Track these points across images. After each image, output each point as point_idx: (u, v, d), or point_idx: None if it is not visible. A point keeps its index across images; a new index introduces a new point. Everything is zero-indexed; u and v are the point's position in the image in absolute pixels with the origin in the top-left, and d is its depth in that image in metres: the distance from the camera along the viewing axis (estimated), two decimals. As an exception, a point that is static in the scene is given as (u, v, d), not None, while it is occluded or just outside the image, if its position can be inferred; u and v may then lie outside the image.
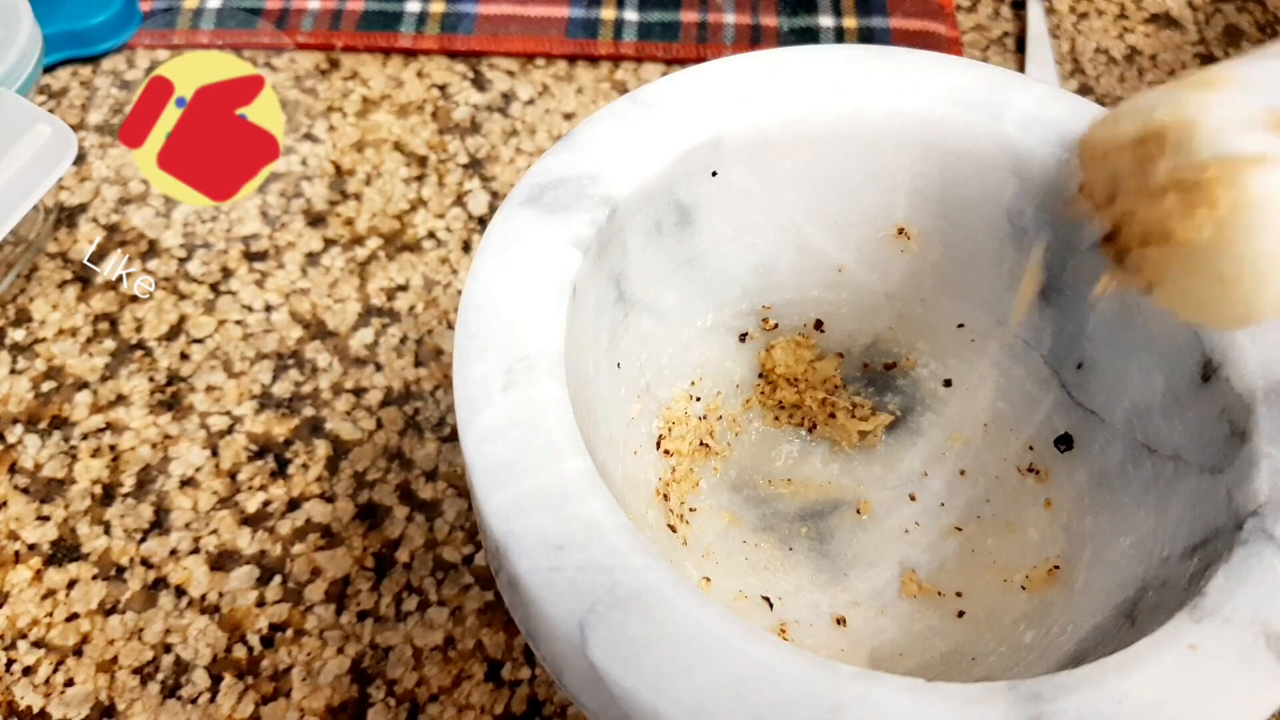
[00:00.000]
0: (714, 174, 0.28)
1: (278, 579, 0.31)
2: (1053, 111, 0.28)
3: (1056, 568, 0.27)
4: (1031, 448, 0.29)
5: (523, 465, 0.22)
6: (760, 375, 0.31)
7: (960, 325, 0.30)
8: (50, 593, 0.31)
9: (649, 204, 0.27)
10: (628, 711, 0.19)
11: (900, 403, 0.31)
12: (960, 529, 0.29)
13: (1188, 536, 0.24)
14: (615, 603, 0.20)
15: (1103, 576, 0.26)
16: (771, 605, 0.28)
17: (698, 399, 0.30)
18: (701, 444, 0.30)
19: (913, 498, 0.30)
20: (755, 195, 0.29)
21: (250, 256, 0.38)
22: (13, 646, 0.30)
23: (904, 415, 0.31)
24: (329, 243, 0.38)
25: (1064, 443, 0.29)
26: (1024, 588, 0.27)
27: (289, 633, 0.30)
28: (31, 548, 0.32)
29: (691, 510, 0.29)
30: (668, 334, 0.30)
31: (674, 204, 0.28)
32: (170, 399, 0.35)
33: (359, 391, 0.35)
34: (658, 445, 0.29)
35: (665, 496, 0.29)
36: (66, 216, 0.39)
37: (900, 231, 0.30)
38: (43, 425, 0.34)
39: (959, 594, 0.28)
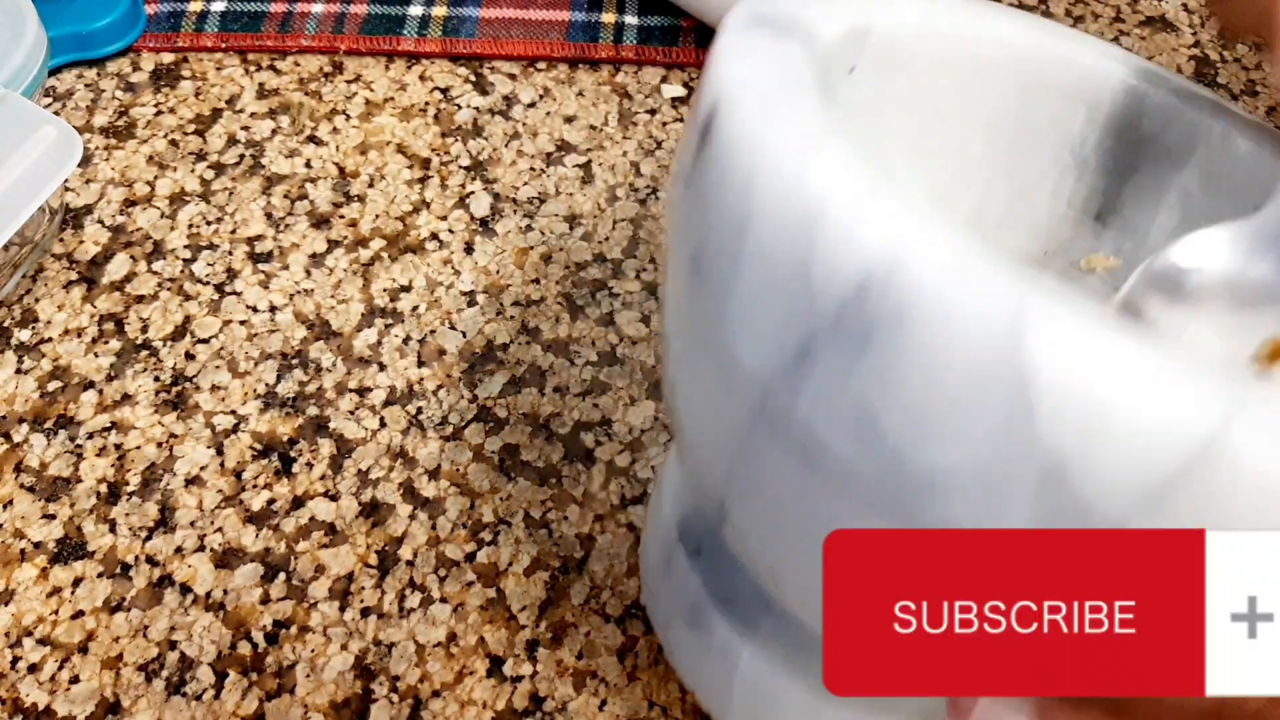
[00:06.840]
0: (851, 70, 0.25)
1: (282, 576, 0.32)
2: (1116, 51, 0.28)
3: None
4: None
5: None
6: None
7: None
8: (56, 590, 0.31)
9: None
10: None
11: None
12: None
13: None
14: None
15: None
16: None
17: None
18: None
19: None
20: (869, 110, 0.27)
21: (255, 258, 0.38)
22: (18, 644, 0.30)
23: None
24: (333, 244, 0.39)
25: None
26: None
27: (293, 629, 0.31)
28: (37, 546, 0.32)
29: None
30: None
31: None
32: (175, 398, 0.35)
33: (362, 391, 0.35)
34: None
35: None
36: (72, 218, 0.39)
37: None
38: (48, 424, 0.34)
39: None
